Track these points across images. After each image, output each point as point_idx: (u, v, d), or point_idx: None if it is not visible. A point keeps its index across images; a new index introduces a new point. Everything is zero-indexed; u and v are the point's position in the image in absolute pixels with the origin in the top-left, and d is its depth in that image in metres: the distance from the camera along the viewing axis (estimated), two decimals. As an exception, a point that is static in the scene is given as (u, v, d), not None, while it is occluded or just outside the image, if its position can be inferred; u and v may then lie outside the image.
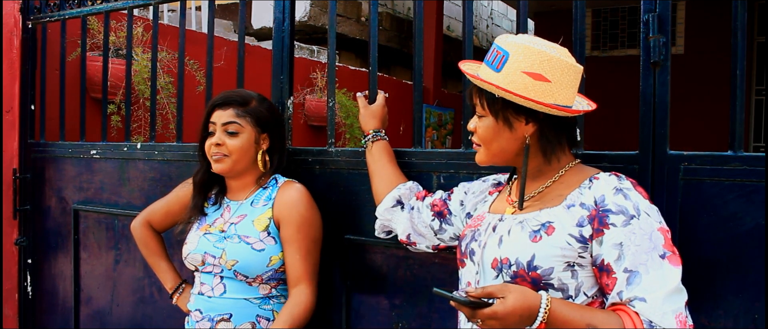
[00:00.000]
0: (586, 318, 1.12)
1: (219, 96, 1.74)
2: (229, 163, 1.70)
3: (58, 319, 2.72)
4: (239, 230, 1.71)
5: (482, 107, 1.28)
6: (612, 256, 1.15)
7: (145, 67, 3.19)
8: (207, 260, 1.71)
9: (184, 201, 1.89)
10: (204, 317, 1.71)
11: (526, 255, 1.20)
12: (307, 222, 1.71)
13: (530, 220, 1.25)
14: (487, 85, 1.22)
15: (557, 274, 1.18)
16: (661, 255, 1.13)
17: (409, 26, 7.50)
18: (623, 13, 6.55)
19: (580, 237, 1.18)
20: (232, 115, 1.70)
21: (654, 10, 1.39)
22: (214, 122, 1.71)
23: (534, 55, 1.21)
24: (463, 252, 1.37)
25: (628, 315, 1.10)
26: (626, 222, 1.15)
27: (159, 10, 2.40)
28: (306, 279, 1.69)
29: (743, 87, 1.31)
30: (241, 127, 1.70)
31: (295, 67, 2.05)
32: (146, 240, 1.97)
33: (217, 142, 1.69)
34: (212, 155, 1.71)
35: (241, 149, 1.70)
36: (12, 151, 2.80)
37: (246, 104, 1.72)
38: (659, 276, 1.11)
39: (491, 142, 1.29)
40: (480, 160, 1.35)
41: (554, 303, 1.12)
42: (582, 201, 1.21)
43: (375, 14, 1.82)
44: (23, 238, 2.79)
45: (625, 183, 1.21)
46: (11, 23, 2.78)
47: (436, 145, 6.63)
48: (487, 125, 1.28)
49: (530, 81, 1.20)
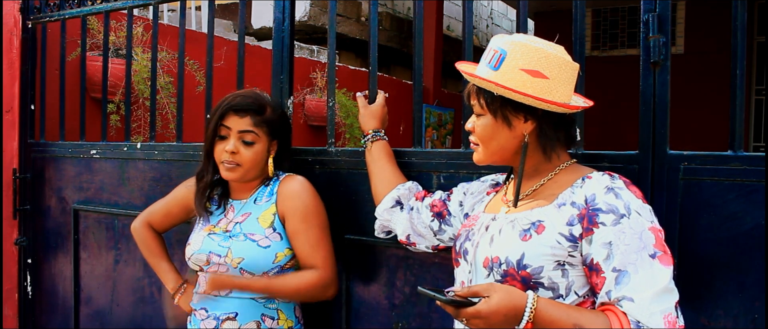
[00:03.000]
0: (572, 318, 1.12)
1: (235, 99, 1.66)
2: (241, 172, 1.69)
3: (58, 319, 2.72)
4: (244, 228, 1.70)
5: (480, 106, 1.28)
6: (601, 255, 1.15)
7: (145, 66, 3.19)
8: (212, 259, 1.70)
9: (184, 202, 1.89)
10: (209, 316, 1.71)
11: (515, 254, 1.20)
12: (312, 211, 1.70)
13: (521, 219, 1.25)
14: (486, 82, 1.23)
15: (547, 273, 1.18)
16: (650, 255, 1.12)
17: (409, 26, 7.50)
18: (623, 13, 6.55)
19: (570, 236, 1.18)
20: (250, 124, 1.66)
21: (654, 10, 1.39)
22: (230, 127, 1.66)
23: (532, 52, 1.21)
24: (457, 252, 1.37)
25: (616, 315, 1.10)
26: (616, 221, 1.14)
27: (159, 10, 2.40)
28: (319, 265, 1.67)
29: (743, 87, 1.31)
30: (257, 137, 1.67)
31: (295, 67, 2.05)
32: (147, 241, 1.97)
33: (233, 151, 1.65)
34: (223, 161, 1.67)
35: (254, 160, 1.68)
36: (12, 150, 2.80)
37: (262, 112, 1.68)
38: (648, 276, 1.10)
39: (490, 141, 1.29)
40: (478, 160, 1.35)
41: (541, 303, 1.12)
42: (573, 200, 1.21)
43: (375, 14, 1.82)
44: (23, 238, 2.79)
45: (617, 182, 1.20)
46: (11, 23, 2.78)
47: (436, 144, 6.63)
48: (485, 124, 1.28)
49: (529, 78, 1.20)
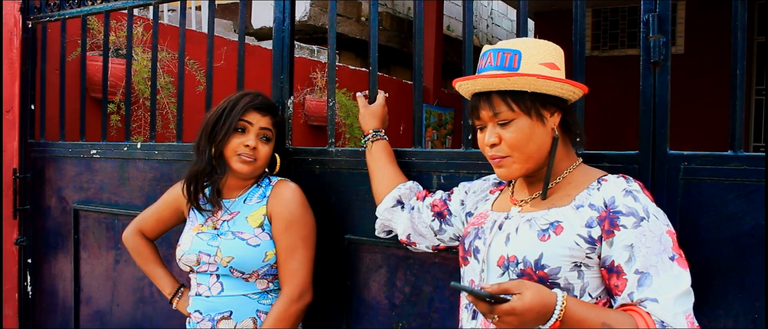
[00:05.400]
0: (601, 317, 1.12)
1: (257, 98, 1.73)
2: (254, 167, 1.72)
3: (58, 319, 2.72)
4: (233, 227, 1.71)
5: (511, 109, 1.23)
6: (622, 258, 1.15)
7: (145, 66, 3.19)
8: (202, 259, 1.71)
9: (174, 206, 1.90)
10: (204, 317, 1.71)
11: (534, 254, 1.20)
12: (296, 220, 1.71)
13: (538, 219, 1.25)
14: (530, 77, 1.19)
15: (564, 274, 1.19)
16: (670, 257, 1.14)
17: (409, 26, 7.50)
18: (623, 13, 6.54)
19: (589, 238, 1.18)
20: (270, 123, 1.74)
21: (654, 10, 1.39)
22: (252, 123, 1.70)
23: (543, 46, 1.25)
24: (466, 250, 1.36)
25: (640, 315, 1.11)
26: (637, 224, 1.15)
27: (159, 9, 2.40)
28: (288, 280, 1.69)
29: (743, 87, 1.31)
30: (272, 136, 1.76)
31: (295, 66, 2.05)
32: (139, 249, 1.97)
33: (254, 146, 1.70)
34: (241, 154, 1.69)
35: (267, 157, 1.75)
36: (12, 150, 2.80)
37: (277, 114, 1.79)
38: (670, 278, 1.12)
39: (528, 143, 1.23)
40: (510, 173, 1.26)
41: (569, 302, 1.12)
42: (591, 202, 1.21)
43: (375, 14, 1.82)
44: (23, 238, 2.79)
45: (633, 185, 1.21)
46: (11, 23, 2.78)
47: (436, 144, 6.63)
48: (520, 126, 1.23)
49: (548, 70, 1.23)
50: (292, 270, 1.69)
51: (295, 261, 1.69)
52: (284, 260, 1.69)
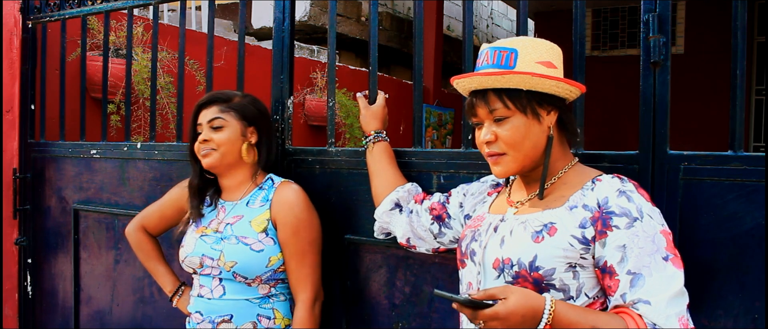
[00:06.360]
0: (590, 321, 1.12)
1: (203, 98, 1.78)
2: (217, 156, 1.72)
3: (58, 319, 2.72)
4: (236, 231, 1.71)
5: (506, 107, 1.23)
6: (615, 258, 1.15)
7: (145, 66, 3.18)
8: (205, 262, 1.71)
9: (178, 205, 1.90)
10: (205, 319, 1.71)
11: (528, 256, 1.20)
12: (303, 224, 1.71)
13: (532, 221, 1.24)
14: (526, 75, 1.20)
15: (559, 275, 1.18)
16: (663, 258, 1.13)
17: (409, 26, 7.50)
18: (623, 13, 6.54)
19: (583, 239, 1.18)
20: (216, 111, 1.74)
21: (654, 10, 1.39)
22: (201, 122, 1.75)
23: (540, 45, 1.25)
24: (463, 253, 1.36)
25: (632, 318, 1.11)
26: (629, 224, 1.15)
27: (159, 10, 2.40)
28: (303, 286, 1.70)
29: (743, 87, 1.31)
30: (225, 122, 1.73)
31: (295, 66, 2.05)
32: (142, 245, 1.97)
33: (205, 139, 1.72)
34: (201, 152, 1.74)
35: (228, 142, 1.72)
36: (12, 150, 2.80)
37: (229, 100, 1.76)
38: (662, 279, 1.11)
39: (523, 141, 1.24)
40: (506, 171, 1.27)
41: (558, 306, 1.12)
42: (585, 203, 1.21)
43: (375, 14, 1.82)
44: (23, 238, 2.79)
45: (628, 185, 1.21)
46: (11, 23, 2.78)
47: (436, 144, 6.62)
48: (516, 124, 1.23)
49: (545, 69, 1.23)
50: (305, 275, 1.70)
51: (306, 267, 1.70)
52: (295, 266, 1.70)
